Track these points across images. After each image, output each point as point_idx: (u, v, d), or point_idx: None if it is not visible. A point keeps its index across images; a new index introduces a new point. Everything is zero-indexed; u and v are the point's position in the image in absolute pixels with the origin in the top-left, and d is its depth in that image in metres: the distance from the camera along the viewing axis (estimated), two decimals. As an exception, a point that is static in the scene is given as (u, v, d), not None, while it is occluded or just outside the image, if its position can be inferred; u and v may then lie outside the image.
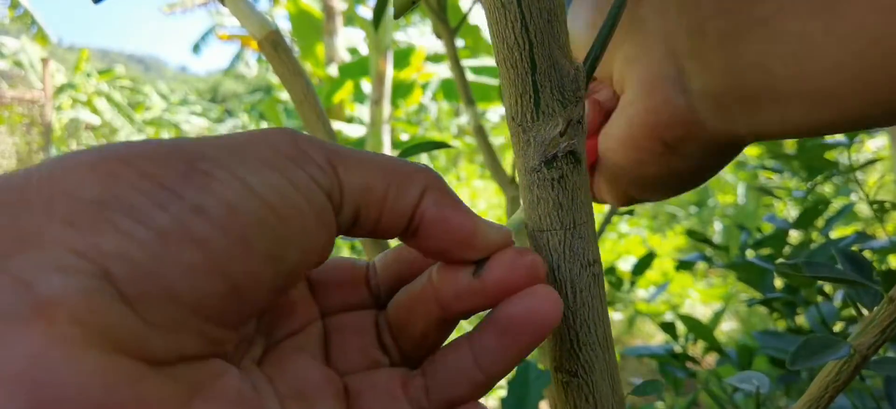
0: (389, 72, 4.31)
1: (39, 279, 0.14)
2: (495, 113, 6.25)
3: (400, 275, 0.26)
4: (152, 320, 0.15)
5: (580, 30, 0.32)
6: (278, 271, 0.19)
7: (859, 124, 0.27)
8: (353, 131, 5.15)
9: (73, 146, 6.15)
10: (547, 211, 0.27)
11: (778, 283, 0.77)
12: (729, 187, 4.08)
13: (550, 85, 0.26)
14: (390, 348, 0.25)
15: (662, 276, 2.89)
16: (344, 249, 3.65)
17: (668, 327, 0.81)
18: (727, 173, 4.16)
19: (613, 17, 0.28)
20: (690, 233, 0.89)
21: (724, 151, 0.32)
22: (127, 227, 0.15)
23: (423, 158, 5.28)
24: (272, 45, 0.43)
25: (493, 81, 4.79)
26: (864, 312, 0.37)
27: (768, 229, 0.99)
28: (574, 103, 0.26)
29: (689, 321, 0.78)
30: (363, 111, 5.56)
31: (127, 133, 7.99)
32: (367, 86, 5.30)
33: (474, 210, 0.27)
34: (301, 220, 0.19)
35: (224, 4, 0.43)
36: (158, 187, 0.16)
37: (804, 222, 0.78)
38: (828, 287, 0.73)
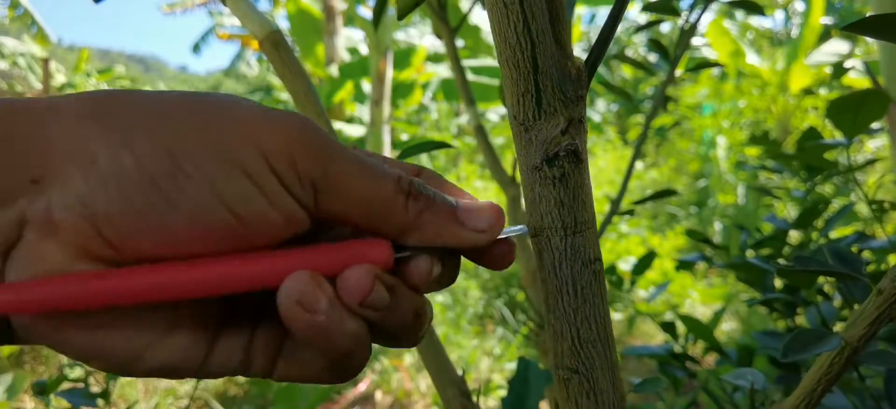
0: (389, 72, 4.30)
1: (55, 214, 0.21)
2: (495, 113, 6.24)
3: None
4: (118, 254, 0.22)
5: None
6: (237, 247, 0.23)
7: None
8: (354, 131, 5.15)
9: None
10: (548, 209, 0.27)
11: (778, 283, 0.77)
12: (729, 187, 4.07)
13: (552, 84, 0.26)
14: None
15: (662, 276, 2.89)
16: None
17: (668, 327, 0.81)
18: (727, 173, 4.15)
19: (614, 17, 0.28)
20: (690, 233, 0.89)
21: None
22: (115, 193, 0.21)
23: (423, 158, 5.27)
24: (273, 45, 0.43)
25: (494, 81, 4.78)
26: (856, 307, 0.37)
27: (768, 229, 0.99)
28: (575, 103, 0.26)
29: (689, 321, 0.78)
30: (363, 111, 5.55)
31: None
32: (367, 86, 5.30)
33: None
34: (265, 222, 0.23)
35: (225, 4, 0.43)
36: (149, 179, 0.21)
37: (804, 222, 0.78)
38: (828, 287, 0.73)
